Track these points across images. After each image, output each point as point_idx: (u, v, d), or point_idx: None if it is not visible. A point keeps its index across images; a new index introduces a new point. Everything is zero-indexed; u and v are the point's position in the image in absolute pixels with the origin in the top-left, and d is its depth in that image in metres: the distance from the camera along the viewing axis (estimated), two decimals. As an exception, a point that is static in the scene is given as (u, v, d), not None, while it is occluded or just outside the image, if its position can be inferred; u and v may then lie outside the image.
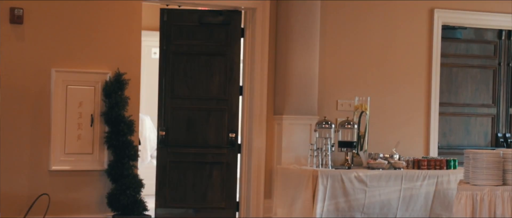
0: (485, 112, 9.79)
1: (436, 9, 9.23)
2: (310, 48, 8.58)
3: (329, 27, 8.83)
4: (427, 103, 9.26)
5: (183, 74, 8.66)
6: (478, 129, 9.75)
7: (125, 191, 7.77)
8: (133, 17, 8.10)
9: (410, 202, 8.20)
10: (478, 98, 9.75)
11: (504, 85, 9.86)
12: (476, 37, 9.73)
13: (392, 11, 9.11)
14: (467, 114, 9.73)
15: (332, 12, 8.83)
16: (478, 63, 9.75)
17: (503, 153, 6.54)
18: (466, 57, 9.70)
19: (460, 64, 9.67)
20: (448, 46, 9.54)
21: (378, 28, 9.08)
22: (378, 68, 9.07)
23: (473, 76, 9.73)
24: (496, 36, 9.83)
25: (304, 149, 8.36)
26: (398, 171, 8.19)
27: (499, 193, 6.37)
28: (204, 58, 8.68)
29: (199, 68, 8.67)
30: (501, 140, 9.79)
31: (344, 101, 8.91)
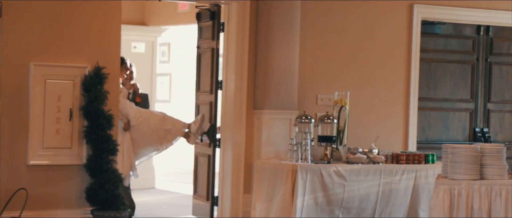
0: (463, 107, 9.84)
1: (415, 4, 9.27)
2: (290, 43, 8.59)
3: (309, 22, 8.84)
4: (406, 98, 9.30)
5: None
6: (456, 124, 9.80)
7: (104, 185, 7.74)
8: (112, 10, 8.06)
9: (389, 197, 8.24)
10: (456, 93, 9.80)
11: (482, 80, 9.91)
12: (455, 33, 9.78)
13: (372, 6, 9.13)
14: (446, 109, 9.78)
15: (312, 7, 8.84)
16: (456, 58, 9.80)
17: (480, 147, 6.59)
18: (445, 52, 9.75)
19: (439, 59, 9.72)
20: (427, 41, 9.58)
21: (358, 23, 9.10)
22: (358, 63, 9.10)
23: (451, 71, 9.78)
24: (474, 32, 9.88)
25: (284, 143, 8.37)
26: (377, 165, 8.22)
27: (476, 187, 6.41)
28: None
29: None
30: (478, 135, 9.85)
31: (323, 96, 8.92)
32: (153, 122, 8.41)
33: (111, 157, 7.86)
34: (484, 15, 9.63)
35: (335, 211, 8.04)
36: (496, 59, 9.97)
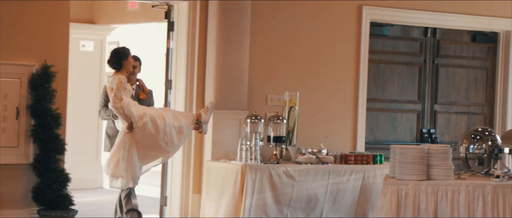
0: (410, 108, 9.96)
1: (364, 6, 9.35)
2: (240, 43, 8.59)
3: (260, 22, 8.85)
4: (354, 98, 9.38)
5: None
6: (404, 124, 9.92)
7: (51, 185, 7.65)
8: (61, 8, 7.97)
9: (337, 196, 8.30)
10: (404, 94, 9.91)
11: (429, 81, 10.04)
12: (403, 34, 9.90)
13: (322, 8, 9.18)
14: (394, 110, 9.88)
15: (262, 8, 8.86)
16: (404, 60, 9.91)
17: (427, 148, 6.67)
18: (393, 53, 9.85)
19: (387, 60, 9.81)
20: (376, 43, 9.68)
21: (308, 24, 9.14)
22: (308, 64, 9.14)
23: (399, 73, 9.88)
24: (422, 34, 10.00)
25: (234, 143, 8.37)
26: (325, 165, 8.27)
27: (423, 187, 6.49)
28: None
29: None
30: (425, 136, 9.98)
31: (273, 96, 8.95)
32: (160, 121, 7.44)
33: (58, 156, 7.78)
34: (431, 17, 9.76)
35: (284, 210, 8.07)
36: (443, 61, 10.11)
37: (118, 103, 7.29)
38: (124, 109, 7.33)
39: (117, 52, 7.54)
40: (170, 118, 7.47)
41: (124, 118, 7.33)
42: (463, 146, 7.26)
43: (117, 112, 7.32)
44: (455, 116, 10.18)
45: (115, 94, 7.32)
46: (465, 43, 10.23)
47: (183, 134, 7.53)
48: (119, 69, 7.48)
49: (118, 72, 7.46)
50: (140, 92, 7.98)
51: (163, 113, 7.54)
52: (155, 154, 7.51)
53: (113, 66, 7.51)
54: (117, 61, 7.48)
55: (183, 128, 7.51)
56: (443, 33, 10.09)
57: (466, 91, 10.21)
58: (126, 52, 7.62)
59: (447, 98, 10.13)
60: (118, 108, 7.28)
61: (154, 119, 7.38)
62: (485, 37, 10.27)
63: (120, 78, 7.38)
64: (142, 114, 7.38)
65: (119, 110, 7.30)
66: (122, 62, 7.49)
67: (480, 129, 7.39)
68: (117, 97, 7.30)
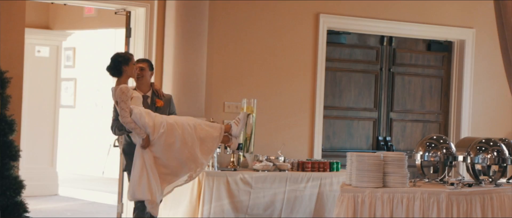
0: (367, 115, 10.04)
1: (321, 14, 9.41)
2: (198, 50, 8.58)
3: (217, 29, 8.85)
4: (312, 106, 9.42)
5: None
6: (360, 132, 9.99)
7: (5, 192, 7.53)
8: (16, 13, 7.87)
9: (294, 204, 8.32)
10: (360, 102, 9.99)
11: (386, 89, 10.14)
12: (359, 43, 9.97)
13: (279, 15, 9.22)
14: (350, 118, 9.95)
15: (220, 14, 8.86)
16: (361, 68, 9.99)
17: (383, 156, 6.72)
18: (350, 61, 9.92)
19: (344, 68, 9.88)
20: (333, 51, 9.73)
21: (266, 31, 9.17)
22: (265, 71, 9.16)
23: (356, 81, 9.95)
24: (378, 42, 10.09)
25: (191, 150, 8.34)
26: (282, 173, 8.29)
27: (379, 195, 6.54)
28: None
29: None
30: (381, 144, 10.06)
31: (231, 103, 8.95)
32: (179, 129, 6.60)
33: (12, 163, 7.66)
34: (387, 26, 9.86)
35: (240, 217, 8.07)
36: (398, 69, 10.21)
37: (128, 116, 6.52)
38: (137, 121, 6.54)
39: (116, 57, 6.83)
40: (191, 127, 6.63)
41: (139, 132, 6.55)
42: (418, 153, 7.33)
43: (130, 127, 6.55)
44: (411, 124, 10.29)
45: (122, 107, 6.54)
46: (420, 51, 10.35)
47: (208, 147, 6.69)
48: (119, 76, 6.77)
49: (120, 81, 6.76)
50: (156, 99, 7.15)
51: (184, 121, 6.69)
52: (176, 170, 6.65)
53: (113, 73, 6.80)
54: (116, 67, 6.77)
55: (207, 140, 6.68)
56: (399, 42, 10.20)
57: (421, 99, 10.33)
58: (126, 57, 6.86)
59: (402, 106, 10.23)
60: (129, 122, 6.52)
61: (172, 128, 6.56)
62: (440, 46, 10.41)
63: (121, 88, 6.61)
64: (159, 123, 6.58)
65: (131, 125, 6.53)
66: (122, 68, 6.75)
67: (435, 137, 7.47)
68: (125, 109, 6.53)
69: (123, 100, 6.57)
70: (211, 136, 6.72)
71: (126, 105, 6.56)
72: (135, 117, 6.55)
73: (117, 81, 6.77)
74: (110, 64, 6.81)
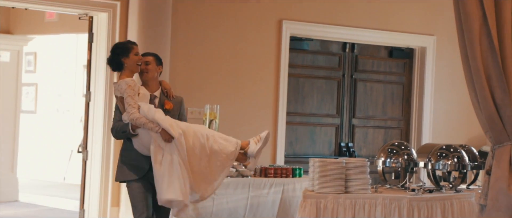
0: (329, 122, 10.09)
1: (284, 20, 9.44)
2: (160, 54, 8.53)
3: (180, 35, 8.84)
4: (274, 112, 9.45)
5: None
6: (322, 138, 10.03)
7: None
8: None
9: (257, 210, 8.32)
10: (323, 108, 10.04)
11: (348, 96, 10.20)
12: (322, 49, 10.03)
13: (243, 21, 9.23)
14: (313, 124, 9.99)
15: (183, 20, 8.85)
16: (323, 74, 10.04)
17: (346, 162, 6.76)
18: (313, 68, 9.97)
19: (306, 74, 9.92)
20: (296, 57, 9.77)
21: (229, 37, 9.18)
22: (228, 77, 9.17)
23: (318, 87, 10.00)
24: (340, 48, 10.16)
25: (153, 156, 8.30)
26: (245, 179, 8.29)
27: (341, 200, 6.58)
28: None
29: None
30: (344, 150, 10.11)
31: (194, 109, 8.94)
32: (191, 140, 5.75)
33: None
34: (350, 33, 9.93)
35: (204, 224, 8.04)
36: (360, 75, 10.28)
37: (136, 112, 5.69)
38: (147, 115, 5.69)
39: (114, 48, 6.02)
40: (204, 137, 5.77)
41: (152, 127, 5.69)
42: (380, 159, 7.38)
43: (140, 123, 5.68)
44: (373, 130, 10.37)
45: (129, 103, 5.72)
46: (382, 58, 10.43)
47: (221, 163, 5.82)
48: (120, 69, 5.94)
49: (123, 75, 5.93)
50: (166, 100, 6.15)
51: (196, 129, 5.85)
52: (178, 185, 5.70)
53: (113, 67, 5.98)
54: (115, 60, 5.93)
55: (221, 155, 5.83)
56: (361, 48, 10.27)
57: (383, 105, 10.41)
58: (126, 47, 5.97)
59: (364, 112, 10.30)
60: (139, 117, 5.67)
61: (185, 135, 5.71)
62: (402, 52, 10.50)
63: (127, 82, 5.79)
64: (174, 124, 5.74)
65: (141, 120, 5.67)
66: (121, 61, 5.91)
67: (396, 143, 7.54)
68: (132, 105, 5.70)
69: (130, 94, 5.73)
70: (226, 150, 5.85)
71: (133, 100, 5.71)
72: (144, 112, 5.72)
73: (119, 76, 5.98)
74: (109, 56, 6.01)
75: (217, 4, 9.06)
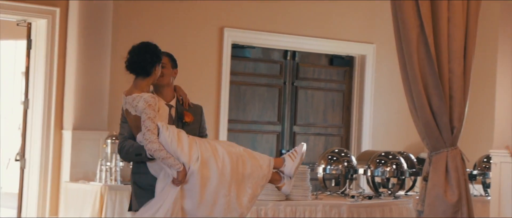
0: (271, 129, 10.12)
1: (226, 28, 9.45)
2: (101, 62, 8.49)
3: (121, 42, 8.77)
4: (216, 119, 9.44)
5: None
6: (264, 145, 10.06)
7: None
8: None
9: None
10: (264, 116, 10.06)
11: (289, 103, 10.25)
12: (263, 57, 10.06)
13: (184, 28, 9.21)
14: (254, 131, 10.01)
15: (124, 27, 8.78)
16: (265, 82, 10.07)
17: (286, 169, 6.78)
18: (254, 75, 9.99)
19: (248, 82, 9.94)
20: (237, 64, 9.79)
21: (170, 44, 9.11)
22: (169, 84, 9.13)
23: (260, 94, 10.03)
24: (282, 56, 10.21)
25: (93, 164, 8.22)
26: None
27: (282, 207, 6.61)
28: None
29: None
30: (285, 157, 10.14)
31: (134, 117, 8.87)
32: (221, 164, 4.72)
33: None
34: (291, 40, 9.98)
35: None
36: (302, 83, 10.34)
37: (156, 140, 4.67)
38: (167, 147, 4.69)
39: (150, 47, 4.95)
40: (234, 159, 4.76)
41: (173, 163, 4.68)
42: (320, 167, 7.45)
43: (159, 156, 4.67)
44: (313, 137, 10.43)
45: (148, 127, 4.68)
46: (323, 66, 10.52)
47: (252, 190, 4.79)
48: (146, 76, 4.90)
49: (140, 85, 4.90)
50: (185, 111, 5.10)
51: (225, 148, 4.83)
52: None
53: (138, 72, 4.89)
54: (146, 63, 4.88)
55: (252, 179, 4.78)
56: (302, 56, 10.34)
57: (324, 113, 10.49)
58: (159, 51, 4.99)
59: (305, 120, 10.37)
60: (158, 150, 4.66)
61: (207, 161, 4.70)
62: (342, 60, 10.60)
63: (147, 100, 4.77)
64: (194, 152, 4.73)
65: (161, 153, 4.67)
66: (151, 69, 4.89)
67: (336, 150, 7.61)
68: (152, 130, 4.68)
69: (150, 116, 4.71)
70: (257, 173, 4.80)
71: (153, 124, 4.70)
72: (164, 141, 4.70)
73: (136, 84, 4.92)
74: (137, 58, 4.91)
75: (158, 11, 9.02)
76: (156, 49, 4.96)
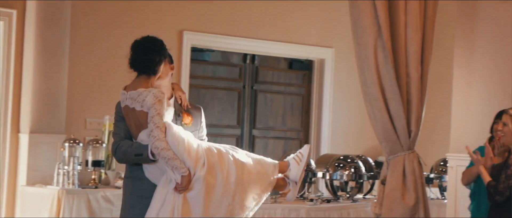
0: (230, 132, 10.12)
1: (185, 31, 9.43)
2: (59, 65, 8.41)
3: (79, 44, 8.70)
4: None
5: None
6: (223, 149, 10.04)
7: None
8: None
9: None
10: (223, 119, 10.06)
11: (248, 107, 10.26)
12: (223, 60, 10.06)
13: (143, 31, 9.06)
14: (214, 135, 9.99)
15: (82, 28, 8.72)
16: (224, 85, 10.07)
17: (245, 172, 6.80)
18: (213, 79, 9.98)
19: (207, 85, 9.93)
20: (196, 68, 9.77)
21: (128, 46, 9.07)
22: (128, 87, 9.08)
23: (219, 98, 10.03)
24: (241, 60, 10.22)
25: (50, 168, 8.14)
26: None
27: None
28: None
29: None
30: (244, 160, 10.15)
31: (93, 120, 8.81)
32: (226, 172, 4.43)
33: None
34: (250, 44, 10.00)
35: (102, 236, 7.91)
36: (261, 87, 10.36)
37: (164, 139, 4.38)
38: (174, 150, 4.38)
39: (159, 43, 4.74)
40: (239, 165, 4.44)
41: (178, 166, 4.36)
42: (279, 170, 7.45)
43: (166, 155, 4.36)
44: (273, 140, 10.46)
45: (157, 123, 4.39)
46: (282, 70, 10.55)
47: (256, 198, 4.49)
48: (152, 75, 4.67)
49: (148, 79, 4.66)
50: (183, 112, 4.76)
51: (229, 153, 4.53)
52: None
53: (143, 70, 4.68)
54: (152, 66, 4.64)
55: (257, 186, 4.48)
56: (262, 60, 10.36)
57: (283, 116, 10.52)
58: (165, 49, 4.75)
59: (265, 123, 10.39)
60: (165, 149, 4.36)
61: (213, 168, 4.40)
62: (301, 64, 10.65)
63: (156, 94, 4.49)
64: (196, 151, 4.44)
65: (168, 153, 4.36)
66: (158, 68, 4.67)
67: (295, 153, 7.62)
68: (161, 128, 4.40)
69: (159, 112, 4.42)
70: (263, 181, 4.49)
71: (162, 121, 4.41)
72: (171, 141, 4.39)
73: (140, 81, 4.69)
74: (144, 56, 4.71)
75: (116, 13, 8.97)
76: (163, 46, 4.72)
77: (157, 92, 4.48)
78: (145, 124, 4.47)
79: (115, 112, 4.82)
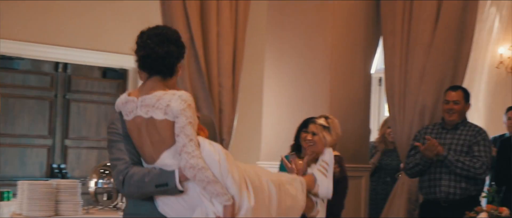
0: (41, 143, 9.86)
1: None
2: None
3: None
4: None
5: None
6: (33, 160, 9.78)
7: None
8: None
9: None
10: (34, 129, 9.79)
11: (60, 116, 10.04)
12: (33, 68, 9.79)
13: None
14: (23, 145, 9.70)
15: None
16: (35, 94, 9.80)
17: (56, 183, 6.66)
18: (24, 88, 9.69)
19: (17, 94, 9.63)
20: (5, 77, 9.45)
21: None
22: None
23: (30, 107, 9.75)
24: (53, 68, 9.99)
25: None
26: None
27: (52, 223, 6.46)
28: None
29: None
30: (56, 171, 9.93)
31: None
32: (268, 199, 3.53)
33: None
34: (63, 52, 9.79)
35: None
36: (74, 96, 10.17)
37: (202, 157, 3.40)
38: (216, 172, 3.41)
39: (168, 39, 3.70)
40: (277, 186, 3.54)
41: (220, 192, 3.38)
42: (92, 180, 7.35)
43: (203, 177, 3.38)
44: (86, 150, 10.29)
45: (191, 137, 3.43)
46: (96, 78, 10.41)
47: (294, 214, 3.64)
48: (169, 76, 3.71)
49: (162, 83, 3.72)
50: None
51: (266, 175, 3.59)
52: None
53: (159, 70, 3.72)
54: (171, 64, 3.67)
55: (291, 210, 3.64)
56: (75, 69, 10.18)
57: (97, 126, 10.38)
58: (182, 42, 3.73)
59: (78, 133, 10.20)
60: (204, 168, 3.37)
61: (256, 194, 3.44)
62: (115, 73, 10.56)
63: (187, 100, 3.50)
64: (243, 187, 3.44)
65: (206, 173, 3.36)
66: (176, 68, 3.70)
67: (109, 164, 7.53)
68: (196, 143, 3.45)
69: (191, 121, 3.46)
70: (295, 204, 3.66)
71: (195, 132, 3.46)
72: (208, 161, 3.43)
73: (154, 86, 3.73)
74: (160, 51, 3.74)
75: None
76: (179, 37, 3.62)
77: (185, 95, 3.48)
78: (169, 139, 3.43)
79: (110, 131, 3.76)
